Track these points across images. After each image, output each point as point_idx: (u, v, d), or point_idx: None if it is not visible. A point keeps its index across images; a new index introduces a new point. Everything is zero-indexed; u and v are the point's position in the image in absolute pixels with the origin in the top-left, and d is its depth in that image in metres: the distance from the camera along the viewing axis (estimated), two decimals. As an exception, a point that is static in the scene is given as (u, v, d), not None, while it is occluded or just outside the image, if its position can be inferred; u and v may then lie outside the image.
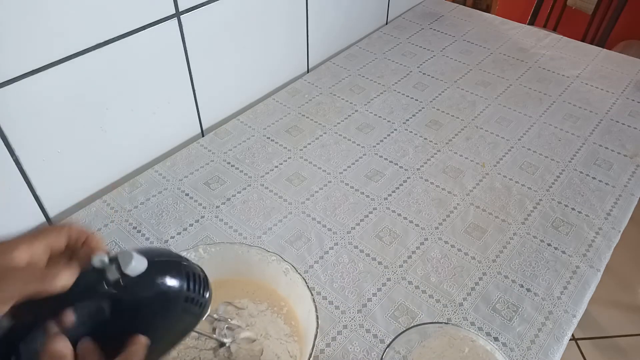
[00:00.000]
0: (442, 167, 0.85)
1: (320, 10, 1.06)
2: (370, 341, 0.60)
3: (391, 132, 0.93)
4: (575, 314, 0.63)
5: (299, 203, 0.78)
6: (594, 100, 1.03)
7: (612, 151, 0.89)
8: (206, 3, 0.81)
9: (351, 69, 1.11)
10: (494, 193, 0.80)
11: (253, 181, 0.82)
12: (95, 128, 0.75)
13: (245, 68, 0.96)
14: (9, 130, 0.64)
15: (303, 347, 0.53)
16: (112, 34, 0.70)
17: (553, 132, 0.94)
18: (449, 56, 1.17)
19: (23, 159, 0.67)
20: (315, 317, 0.52)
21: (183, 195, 0.79)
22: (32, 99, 0.65)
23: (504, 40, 1.23)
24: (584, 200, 0.79)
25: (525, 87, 1.06)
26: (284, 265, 0.57)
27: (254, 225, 0.74)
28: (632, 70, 1.12)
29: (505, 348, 0.60)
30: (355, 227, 0.74)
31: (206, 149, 0.88)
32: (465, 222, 0.75)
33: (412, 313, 0.63)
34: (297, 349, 0.54)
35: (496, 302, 0.64)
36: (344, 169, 0.85)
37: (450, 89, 1.06)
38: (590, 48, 1.21)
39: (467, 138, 0.92)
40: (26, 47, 0.61)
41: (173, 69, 0.82)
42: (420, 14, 1.36)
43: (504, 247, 0.72)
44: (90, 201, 0.78)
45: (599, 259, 0.70)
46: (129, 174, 0.84)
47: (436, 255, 0.70)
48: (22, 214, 0.71)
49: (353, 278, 0.67)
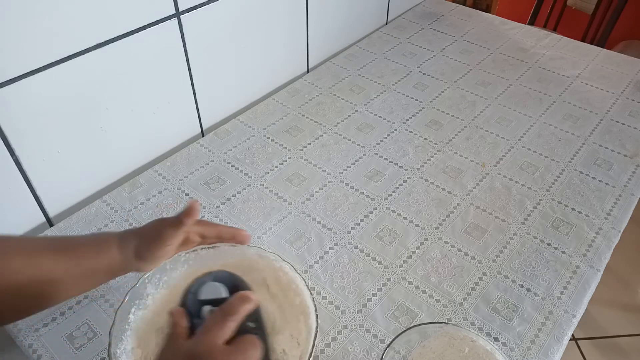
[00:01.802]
0: (442, 167, 0.85)
1: (320, 10, 1.06)
2: (370, 341, 0.60)
3: (391, 132, 0.93)
4: (575, 314, 0.63)
5: (299, 203, 0.78)
6: (594, 100, 1.03)
7: (612, 151, 0.89)
8: (206, 3, 0.81)
9: (351, 69, 1.11)
10: (494, 193, 0.80)
11: (253, 181, 0.82)
12: (95, 128, 0.75)
13: (245, 68, 0.96)
14: (9, 130, 0.64)
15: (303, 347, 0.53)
16: (112, 34, 0.70)
17: (553, 132, 0.94)
18: (449, 56, 1.17)
19: (23, 159, 0.67)
20: (315, 317, 0.52)
21: (183, 195, 0.79)
22: (32, 99, 0.65)
23: (504, 40, 1.23)
24: (584, 200, 0.79)
25: (525, 87, 1.06)
26: (283, 265, 0.58)
27: (254, 225, 0.74)
28: (632, 70, 1.12)
29: (505, 348, 0.60)
30: (355, 227, 0.74)
31: (206, 149, 0.88)
32: (465, 222, 0.75)
33: (412, 313, 0.63)
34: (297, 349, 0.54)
35: (496, 302, 0.64)
36: (344, 169, 0.85)
37: (450, 89, 1.06)
38: (590, 48, 1.21)
39: (467, 138, 0.92)
40: (26, 47, 0.61)
41: (173, 69, 0.82)
42: (420, 14, 1.36)
43: (504, 247, 0.72)
44: (90, 201, 0.78)
45: (599, 259, 0.70)
46: (129, 174, 0.84)
47: (436, 255, 0.70)
48: (22, 214, 0.71)
49: (353, 278, 0.67)
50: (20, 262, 0.47)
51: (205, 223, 0.57)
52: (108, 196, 0.79)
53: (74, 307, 0.63)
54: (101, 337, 0.60)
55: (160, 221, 0.54)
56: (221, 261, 0.58)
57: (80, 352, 0.58)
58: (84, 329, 0.61)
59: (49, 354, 0.58)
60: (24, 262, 0.48)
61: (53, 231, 0.73)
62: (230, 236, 0.58)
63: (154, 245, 0.53)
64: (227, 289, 0.44)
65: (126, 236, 0.54)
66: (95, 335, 0.60)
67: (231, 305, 0.41)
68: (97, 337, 0.60)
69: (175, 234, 0.52)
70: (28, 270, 0.47)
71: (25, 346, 0.59)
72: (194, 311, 0.43)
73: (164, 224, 0.53)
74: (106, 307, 0.63)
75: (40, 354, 0.58)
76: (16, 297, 0.48)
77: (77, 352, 0.58)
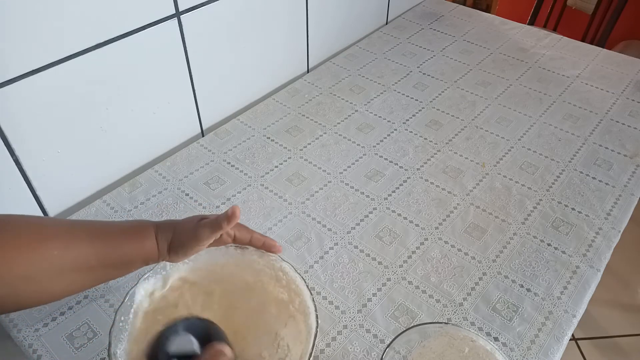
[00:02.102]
0: (442, 167, 0.85)
1: (320, 10, 1.06)
2: (370, 341, 0.60)
3: (391, 132, 0.93)
4: (575, 314, 0.63)
5: (299, 203, 0.78)
6: (594, 100, 1.03)
7: (612, 151, 0.89)
8: (206, 3, 0.81)
9: (351, 69, 1.11)
10: (494, 193, 0.80)
11: (253, 181, 0.82)
12: (95, 128, 0.75)
13: (245, 68, 0.96)
14: (9, 130, 0.64)
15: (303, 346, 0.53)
16: (112, 34, 0.70)
17: (553, 132, 0.94)
18: (449, 56, 1.17)
19: (23, 159, 0.67)
20: (315, 317, 0.52)
21: (183, 195, 0.79)
22: (32, 98, 0.65)
23: (504, 40, 1.24)
24: (584, 200, 0.79)
25: (525, 87, 1.06)
26: (283, 265, 0.58)
27: (254, 225, 0.74)
28: (632, 70, 1.12)
29: (505, 348, 0.60)
30: (355, 227, 0.74)
31: (206, 149, 0.88)
32: (465, 222, 0.75)
33: (412, 313, 0.63)
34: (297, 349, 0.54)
35: (496, 302, 0.65)
36: (344, 169, 0.85)
37: (450, 89, 1.06)
38: (590, 48, 1.21)
39: (467, 138, 0.92)
40: (26, 47, 0.61)
41: (173, 69, 0.82)
42: (420, 14, 1.36)
43: (504, 247, 0.72)
44: (90, 201, 0.78)
45: (599, 259, 0.70)
46: (129, 174, 0.84)
47: (436, 255, 0.70)
48: (22, 214, 0.71)
49: (353, 278, 0.67)
50: (58, 250, 0.47)
51: (241, 227, 0.57)
52: (108, 196, 0.79)
53: (74, 307, 0.63)
54: (101, 337, 0.60)
55: (198, 219, 0.54)
56: (222, 260, 0.58)
57: (80, 352, 0.58)
58: (84, 329, 0.61)
59: (49, 354, 0.58)
60: (62, 251, 0.48)
61: (53, 231, 0.73)
62: (261, 244, 0.58)
63: (188, 243, 0.53)
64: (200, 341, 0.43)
65: (163, 227, 0.54)
66: (95, 335, 0.60)
67: None
68: (97, 337, 0.60)
69: (212, 236, 0.52)
70: (66, 257, 0.48)
71: (25, 346, 0.59)
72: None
73: (203, 224, 0.53)
74: (106, 307, 0.63)
75: (40, 354, 0.58)
76: (48, 283, 0.48)
77: (77, 352, 0.58)
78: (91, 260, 0.50)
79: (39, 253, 0.46)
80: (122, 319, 0.51)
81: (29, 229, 0.48)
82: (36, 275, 0.46)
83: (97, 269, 0.51)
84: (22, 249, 0.45)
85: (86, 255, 0.49)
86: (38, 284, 0.47)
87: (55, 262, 0.47)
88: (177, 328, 0.44)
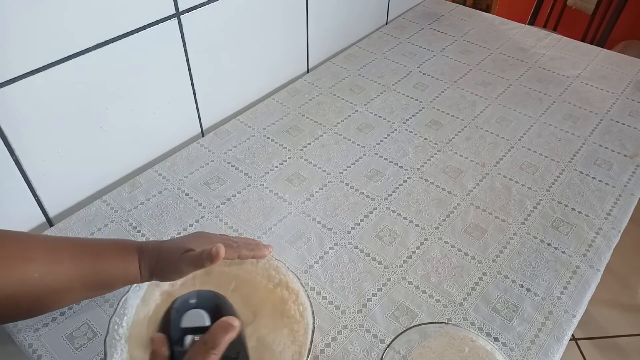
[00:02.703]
0: (442, 167, 0.85)
1: (320, 10, 1.06)
2: (370, 341, 0.60)
3: (391, 132, 0.93)
4: (575, 314, 0.63)
5: (299, 203, 0.78)
6: (594, 100, 1.03)
7: (612, 151, 0.89)
8: (206, 3, 0.81)
9: (351, 69, 1.11)
10: (494, 193, 0.80)
11: (253, 181, 0.82)
12: (95, 128, 0.75)
13: (245, 68, 0.96)
14: (9, 130, 0.64)
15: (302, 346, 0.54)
16: (112, 34, 0.70)
17: (553, 132, 0.94)
18: (449, 56, 1.17)
19: (23, 159, 0.67)
20: (311, 313, 0.52)
21: (183, 195, 0.79)
22: (32, 98, 0.65)
23: (504, 40, 1.23)
24: (584, 200, 0.79)
25: (525, 87, 1.06)
26: (274, 263, 0.58)
27: (254, 225, 0.74)
28: (632, 70, 1.12)
29: (505, 348, 0.60)
30: (355, 227, 0.74)
31: (206, 149, 0.88)
32: (465, 222, 0.75)
33: (412, 313, 0.63)
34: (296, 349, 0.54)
35: (496, 302, 0.64)
36: (344, 169, 0.85)
37: (450, 89, 1.06)
38: (590, 48, 1.21)
39: (467, 138, 0.92)
40: (26, 47, 0.61)
41: (173, 69, 0.82)
42: (420, 14, 1.36)
43: (504, 247, 0.72)
44: (90, 201, 0.78)
45: (599, 259, 0.70)
46: (129, 174, 0.84)
47: (436, 255, 0.70)
48: (22, 214, 0.71)
49: (353, 278, 0.67)
50: (40, 270, 0.47)
51: (227, 247, 0.56)
52: (108, 196, 0.79)
53: (74, 307, 0.63)
54: (101, 337, 0.60)
55: (183, 250, 0.53)
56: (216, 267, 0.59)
57: (80, 352, 0.58)
58: (84, 329, 0.61)
59: (49, 354, 0.58)
60: (44, 270, 0.48)
61: (53, 231, 0.73)
62: (251, 256, 0.59)
63: (169, 274, 0.54)
64: (209, 314, 0.43)
65: (147, 251, 0.54)
66: (95, 335, 0.60)
67: (213, 337, 0.40)
68: (97, 337, 0.60)
69: (193, 271, 0.52)
70: (47, 278, 0.48)
71: (25, 346, 0.59)
72: (175, 337, 0.42)
73: (186, 258, 0.52)
74: (106, 307, 0.63)
75: (40, 354, 0.58)
76: (28, 301, 0.48)
77: (77, 352, 0.58)
78: (73, 282, 0.50)
79: (20, 272, 0.46)
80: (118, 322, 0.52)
81: (10, 250, 0.47)
82: (12, 295, 0.46)
83: (77, 290, 0.51)
84: (2, 269, 0.45)
85: (68, 277, 0.49)
86: (15, 303, 0.47)
87: (35, 284, 0.47)
88: (190, 297, 0.44)
